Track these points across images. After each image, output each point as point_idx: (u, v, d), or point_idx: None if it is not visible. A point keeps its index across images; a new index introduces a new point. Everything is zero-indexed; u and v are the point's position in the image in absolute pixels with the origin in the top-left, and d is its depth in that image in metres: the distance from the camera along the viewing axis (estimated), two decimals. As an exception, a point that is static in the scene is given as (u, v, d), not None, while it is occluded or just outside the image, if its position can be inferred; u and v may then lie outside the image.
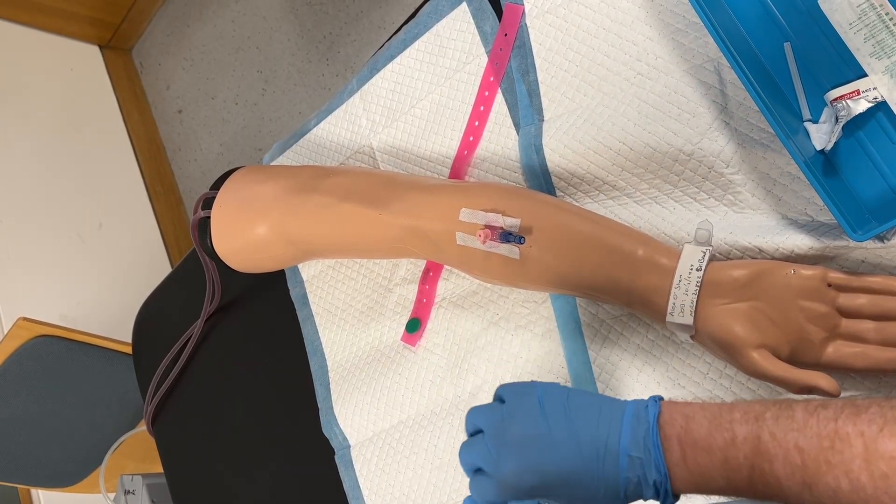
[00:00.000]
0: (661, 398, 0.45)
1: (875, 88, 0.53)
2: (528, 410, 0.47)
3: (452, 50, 0.79)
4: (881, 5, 0.52)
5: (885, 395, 0.55)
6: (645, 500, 0.44)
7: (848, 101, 0.54)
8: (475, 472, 0.48)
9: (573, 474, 0.44)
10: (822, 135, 0.56)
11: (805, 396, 0.51)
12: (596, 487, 0.43)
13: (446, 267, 0.80)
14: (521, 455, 0.46)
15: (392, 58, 0.84)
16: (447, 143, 0.79)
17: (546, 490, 0.45)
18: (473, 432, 0.50)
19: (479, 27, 0.77)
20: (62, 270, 2.00)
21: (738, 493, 0.41)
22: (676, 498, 0.43)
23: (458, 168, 0.78)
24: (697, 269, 0.56)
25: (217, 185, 0.85)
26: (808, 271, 0.53)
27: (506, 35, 0.75)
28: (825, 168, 0.56)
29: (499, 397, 0.51)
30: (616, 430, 0.44)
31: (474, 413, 0.51)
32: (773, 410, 0.40)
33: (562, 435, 0.45)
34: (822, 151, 0.56)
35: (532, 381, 0.50)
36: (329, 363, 0.89)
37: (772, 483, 0.39)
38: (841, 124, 0.54)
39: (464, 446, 0.50)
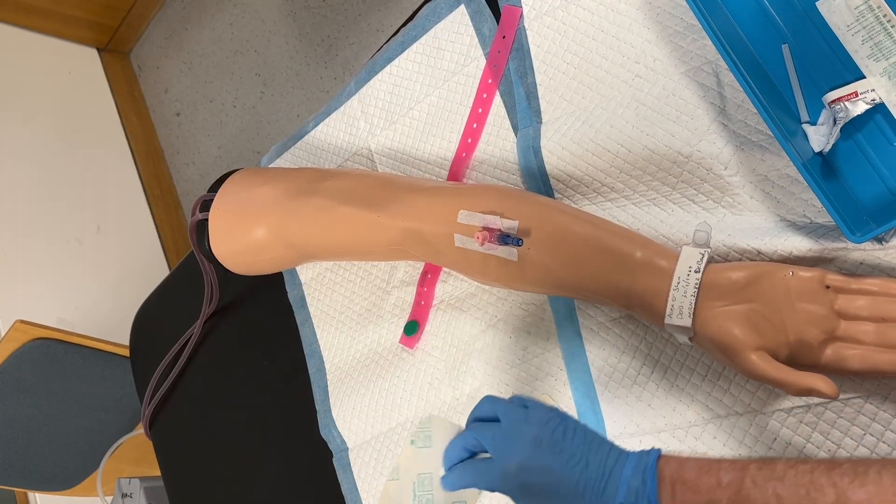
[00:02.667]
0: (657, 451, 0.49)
1: (873, 90, 0.53)
2: (549, 419, 0.52)
3: (450, 52, 0.79)
4: (879, 7, 0.53)
5: (881, 397, 0.55)
6: None
7: (846, 102, 0.54)
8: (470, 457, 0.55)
9: (574, 486, 0.48)
10: (820, 137, 0.56)
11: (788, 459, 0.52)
12: None
13: (444, 269, 0.80)
14: (531, 453, 0.50)
15: (390, 60, 0.84)
16: (445, 146, 0.79)
17: (541, 491, 0.49)
18: (488, 417, 0.55)
19: (477, 29, 0.77)
20: (60, 273, 2.00)
21: None
22: None
23: (457, 170, 0.78)
24: (696, 271, 0.56)
25: (215, 188, 0.85)
26: (806, 273, 0.53)
27: (504, 37, 0.75)
28: (823, 170, 0.56)
29: (522, 403, 0.54)
30: (622, 461, 0.48)
31: (495, 401, 0.56)
32: (757, 463, 0.44)
33: (575, 450, 0.49)
34: (820, 153, 0.56)
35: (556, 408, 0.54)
36: (327, 366, 0.89)
37: None
38: (839, 126, 0.54)
39: (476, 423, 0.55)
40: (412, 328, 0.80)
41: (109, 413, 1.50)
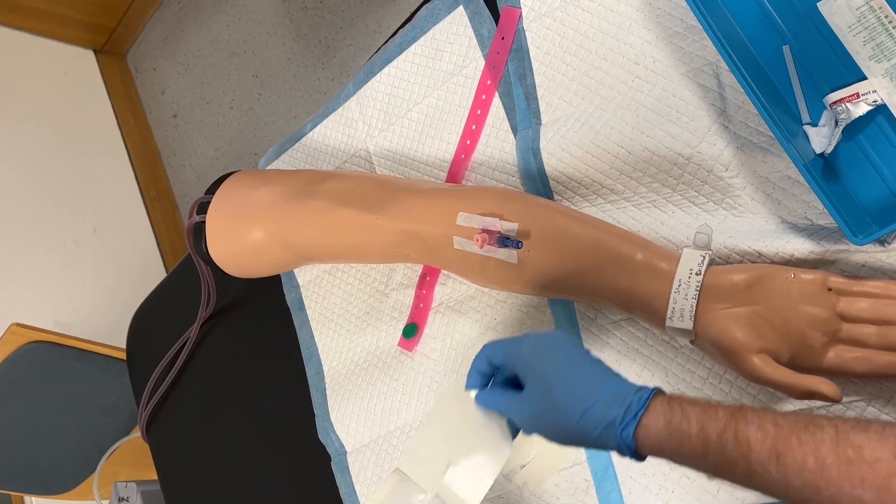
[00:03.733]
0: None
1: (875, 91, 0.53)
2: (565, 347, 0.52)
3: (449, 53, 0.79)
4: (880, 8, 0.52)
5: (884, 400, 0.55)
6: (609, 438, 0.46)
7: (847, 104, 0.54)
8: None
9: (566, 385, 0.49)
10: (821, 138, 0.55)
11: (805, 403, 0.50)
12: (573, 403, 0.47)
13: (443, 271, 0.79)
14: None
15: (388, 61, 0.84)
16: (444, 147, 0.79)
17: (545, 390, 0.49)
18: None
19: (476, 30, 0.76)
20: (56, 276, 1.99)
21: (704, 448, 0.42)
22: (640, 454, 0.45)
23: (456, 172, 0.77)
24: (697, 274, 0.55)
25: (212, 190, 0.85)
26: (808, 276, 0.53)
27: (503, 38, 0.74)
28: (825, 171, 0.56)
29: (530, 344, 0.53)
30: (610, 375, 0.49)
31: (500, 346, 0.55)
32: (754, 407, 0.43)
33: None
34: (821, 155, 0.56)
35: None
36: (325, 368, 0.88)
37: (742, 444, 0.41)
38: (841, 128, 0.54)
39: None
40: (411, 331, 0.80)
41: (106, 416, 1.49)
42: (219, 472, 1.01)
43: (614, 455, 0.65)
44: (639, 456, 0.46)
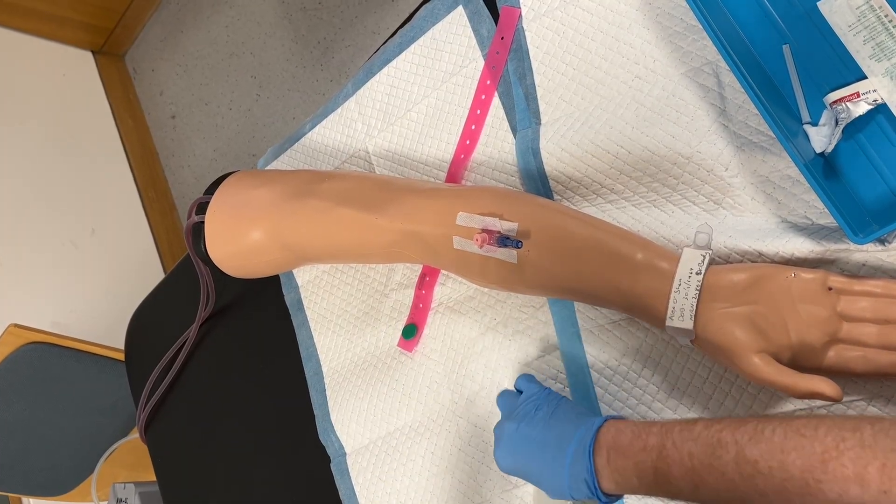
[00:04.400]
0: (610, 418, 0.55)
1: (875, 91, 0.53)
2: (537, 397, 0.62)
3: (449, 53, 0.79)
4: (880, 7, 0.52)
5: (885, 399, 0.55)
6: (583, 497, 0.53)
7: (847, 103, 0.54)
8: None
9: (544, 462, 0.56)
10: (821, 138, 0.55)
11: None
12: (552, 475, 0.55)
13: (443, 272, 0.79)
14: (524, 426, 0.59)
15: (388, 61, 0.84)
16: (444, 147, 0.79)
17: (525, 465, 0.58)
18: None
19: (475, 30, 0.76)
20: (54, 277, 1.99)
21: (648, 492, 0.50)
22: (608, 497, 0.52)
23: (455, 172, 0.77)
24: (697, 273, 0.55)
25: (211, 190, 0.85)
26: (808, 275, 0.53)
27: (502, 38, 0.74)
28: (825, 171, 0.56)
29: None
30: (571, 436, 0.55)
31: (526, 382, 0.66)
32: (680, 424, 0.49)
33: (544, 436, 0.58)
34: (822, 154, 0.56)
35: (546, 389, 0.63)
36: (325, 369, 0.88)
37: (671, 483, 0.47)
38: (841, 127, 0.54)
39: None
40: (410, 331, 0.79)
41: (104, 417, 1.49)
42: (217, 473, 1.01)
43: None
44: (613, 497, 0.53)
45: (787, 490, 0.41)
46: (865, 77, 0.54)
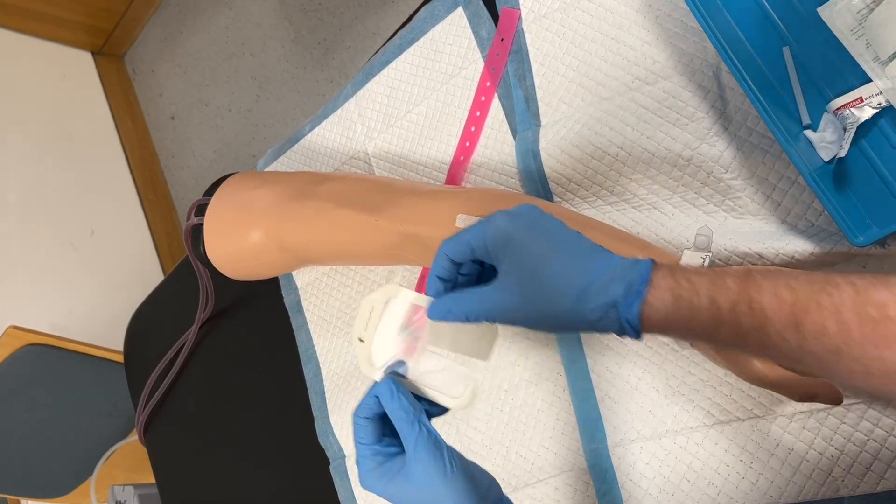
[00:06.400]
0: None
1: (879, 94, 0.53)
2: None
3: (448, 55, 0.78)
4: (881, 9, 0.52)
5: (884, 402, 0.54)
6: (610, 320, 0.42)
7: (852, 109, 0.53)
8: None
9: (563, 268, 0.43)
10: (827, 144, 0.55)
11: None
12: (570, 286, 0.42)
13: (442, 274, 0.79)
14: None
15: (387, 62, 0.84)
16: (443, 149, 0.79)
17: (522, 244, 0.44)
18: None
19: (475, 32, 0.76)
20: (53, 278, 1.99)
21: (716, 321, 0.39)
22: (639, 329, 0.41)
23: (455, 173, 0.77)
24: (697, 276, 0.55)
25: (210, 192, 0.84)
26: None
27: (502, 40, 0.74)
28: (826, 173, 0.56)
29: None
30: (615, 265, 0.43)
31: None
32: (762, 270, 0.40)
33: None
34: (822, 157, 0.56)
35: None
36: (324, 371, 0.88)
37: (757, 313, 0.38)
38: (851, 132, 0.53)
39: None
40: (410, 333, 0.79)
41: (103, 419, 1.49)
42: (216, 475, 1.01)
43: (614, 458, 0.65)
44: (639, 335, 0.42)
45: None
46: (867, 79, 0.54)
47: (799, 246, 0.55)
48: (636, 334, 0.41)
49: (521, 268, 0.43)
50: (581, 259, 0.43)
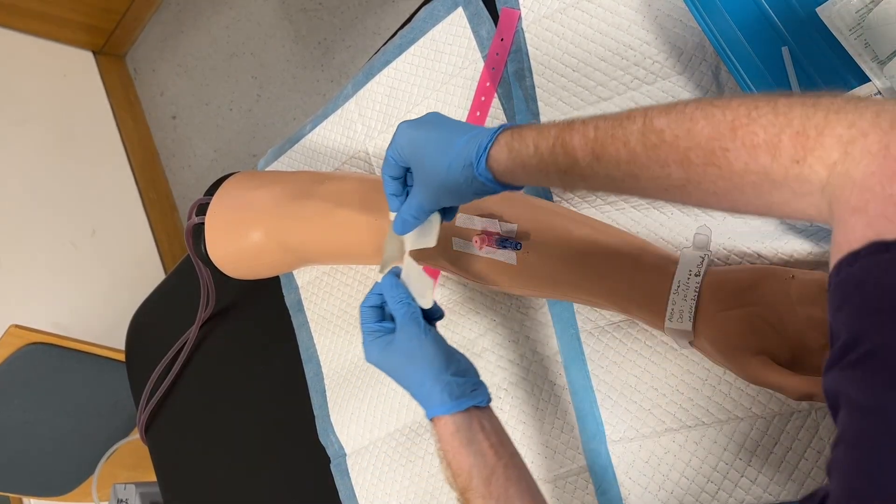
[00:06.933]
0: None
1: (878, 93, 0.53)
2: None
3: (448, 55, 0.79)
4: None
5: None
6: (457, 177, 0.49)
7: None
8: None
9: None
10: None
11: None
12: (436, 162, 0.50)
13: (443, 273, 0.79)
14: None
15: (388, 62, 0.84)
16: (443, 149, 0.79)
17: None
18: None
19: (475, 32, 0.76)
20: (55, 277, 1.99)
21: (541, 164, 0.46)
22: (494, 181, 0.48)
23: (455, 173, 0.77)
24: (696, 275, 0.55)
25: (211, 191, 0.85)
26: (807, 277, 0.53)
27: (502, 40, 0.74)
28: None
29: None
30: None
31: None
32: (585, 117, 0.46)
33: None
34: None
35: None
36: (325, 370, 0.88)
37: (569, 152, 0.44)
38: None
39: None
40: (410, 332, 0.79)
41: (105, 418, 1.49)
42: (218, 473, 1.01)
43: (614, 456, 0.65)
44: (502, 185, 0.49)
45: (689, 160, 0.38)
46: (865, 78, 0.54)
47: (797, 245, 0.56)
48: (493, 184, 0.49)
49: (417, 159, 0.52)
50: (452, 137, 0.50)
